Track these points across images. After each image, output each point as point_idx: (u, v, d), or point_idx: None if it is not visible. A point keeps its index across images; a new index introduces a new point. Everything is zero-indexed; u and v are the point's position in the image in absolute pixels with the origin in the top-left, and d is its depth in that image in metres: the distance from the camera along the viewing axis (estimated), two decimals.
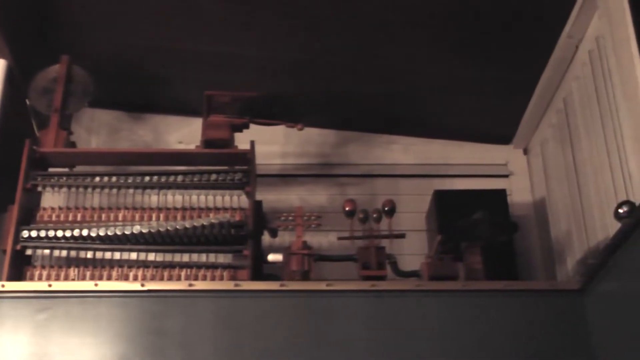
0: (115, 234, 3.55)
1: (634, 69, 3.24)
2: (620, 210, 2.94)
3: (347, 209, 3.78)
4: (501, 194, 4.34)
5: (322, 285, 3.43)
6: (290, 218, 3.79)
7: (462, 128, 4.73)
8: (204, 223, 3.59)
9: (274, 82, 4.42)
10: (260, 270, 3.74)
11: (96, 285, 3.39)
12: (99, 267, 3.59)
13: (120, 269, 3.58)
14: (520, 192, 4.66)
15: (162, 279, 3.55)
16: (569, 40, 3.89)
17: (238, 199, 3.80)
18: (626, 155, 3.31)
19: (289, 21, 4.02)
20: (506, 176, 4.73)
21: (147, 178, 3.81)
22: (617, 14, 3.36)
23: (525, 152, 4.80)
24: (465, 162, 4.75)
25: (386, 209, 3.81)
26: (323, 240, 4.34)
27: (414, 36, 4.03)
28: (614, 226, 3.07)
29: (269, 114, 4.09)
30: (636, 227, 2.87)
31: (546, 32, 3.91)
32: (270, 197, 4.40)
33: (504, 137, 4.77)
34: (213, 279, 3.56)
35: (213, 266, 3.60)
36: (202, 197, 3.80)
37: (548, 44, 3.98)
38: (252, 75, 4.40)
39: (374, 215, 3.80)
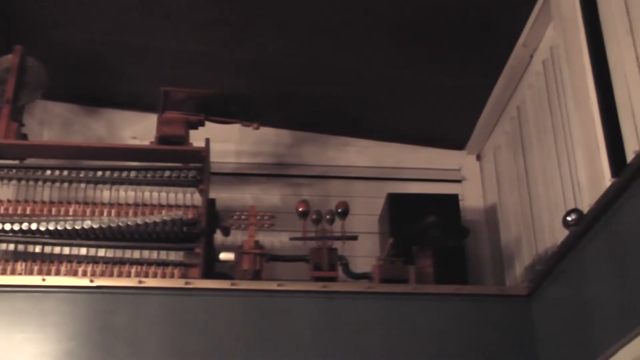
0: (65, 229, 3.51)
1: (586, 79, 3.30)
2: (569, 218, 2.99)
3: (300, 209, 3.79)
4: (453, 198, 4.39)
5: (273, 285, 3.43)
6: (243, 217, 3.78)
7: (417, 132, 4.76)
8: (156, 220, 3.56)
9: (231, 81, 4.40)
10: (211, 268, 3.73)
11: (44, 280, 3.34)
12: (47, 262, 3.53)
13: (69, 264, 3.54)
14: (472, 198, 4.71)
15: (111, 275, 3.52)
16: (524, 49, 3.95)
17: (191, 197, 3.78)
18: (576, 165, 3.37)
19: (249, 20, 4.01)
20: (459, 181, 4.78)
21: (99, 173, 3.78)
22: (571, 25, 3.41)
23: (478, 158, 4.85)
24: (419, 166, 4.78)
25: (339, 210, 3.82)
26: (275, 240, 4.34)
27: (373, 40, 4.05)
28: (563, 233, 3.13)
29: (225, 112, 4.08)
30: (583, 235, 2.92)
31: (502, 41, 3.96)
32: (224, 195, 4.39)
33: (457, 142, 4.82)
34: (164, 276, 3.54)
35: (164, 263, 3.57)
36: (155, 194, 3.77)
37: (503, 52, 4.03)
38: (210, 72, 4.38)
39: (327, 217, 3.81)
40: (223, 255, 3.70)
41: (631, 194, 2.58)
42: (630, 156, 2.85)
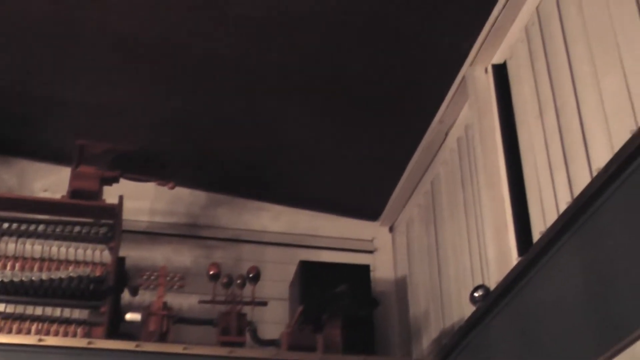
0: None
1: (497, 159, 3.41)
2: (476, 294, 3.05)
3: (211, 272, 3.76)
4: (365, 269, 4.41)
5: (179, 349, 3.37)
6: (152, 277, 3.73)
7: (332, 201, 4.80)
8: (62, 276, 3.47)
9: (150, 139, 4.36)
10: (116, 328, 3.64)
11: None
12: None
13: None
14: (383, 269, 4.75)
15: (10, 332, 3.39)
16: (440, 125, 4.05)
17: (100, 254, 3.70)
18: (485, 242, 3.44)
19: (169, 79, 4.00)
20: (371, 252, 4.81)
21: (5, 224, 3.67)
22: (485, 105, 3.54)
23: (391, 229, 4.91)
24: (332, 235, 4.80)
25: (250, 275, 3.81)
26: (184, 302, 4.25)
27: (293, 107, 4.10)
28: (470, 308, 3.17)
29: (141, 170, 4.04)
30: (489, 311, 2.98)
31: (419, 116, 4.06)
32: (135, 254, 4.31)
33: (371, 213, 4.87)
34: (66, 335, 3.43)
35: (67, 321, 3.47)
36: (63, 249, 3.68)
37: (420, 127, 4.13)
38: (127, 129, 4.33)
39: (238, 281, 3.78)
40: (129, 316, 3.62)
41: (536, 272, 2.66)
42: (536, 236, 2.94)
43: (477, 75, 3.60)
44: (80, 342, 3.31)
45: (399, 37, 3.59)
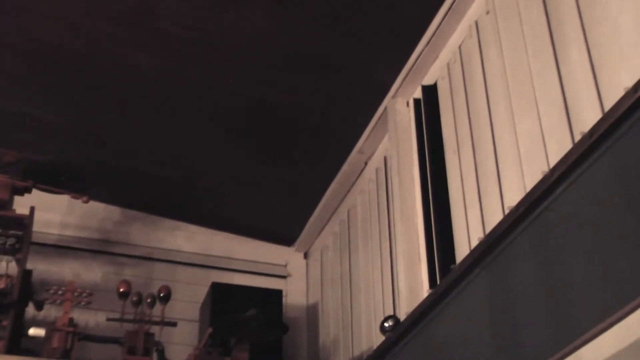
0: None
1: (414, 191, 3.47)
2: (386, 324, 3.07)
3: (120, 289, 3.69)
4: (277, 294, 4.41)
5: None
6: (59, 292, 3.64)
7: (248, 224, 4.79)
8: None
9: (66, 150, 4.27)
10: (17, 343, 3.53)
11: None
12: None
13: None
14: (295, 295, 4.75)
15: None
16: (359, 155, 4.09)
17: (6, 265, 3.60)
18: (397, 273, 3.48)
19: (89, 90, 3.94)
20: (284, 277, 4.81)
21: None
22: (404, 139, 3.59)
23: (306, 256, 4.92)
24: (246, 258, 4.78)
25: (161, 294, 3.76)
26: (91, 319, 4.16)
27: (213, 128, 4.08)
28: (379, 338, 3.20)
29: (55, 181, 3.95)
30: (398, 341, 3.01)
31: (339, 145, 4.10)
32: (42, 267, 4.20)
33: (287, 238, 4.88)
34: None
35: None
36: None
37: (340, 156, 4.16)
38: (44, 139, 4.24)
39: (148, 300, 3.73)
40: (32, 331, 3.52)
41: (446, 305, 2.70)
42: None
43: (398, 108, 3.66)
44: None
45: (324, 66, 3.63)
